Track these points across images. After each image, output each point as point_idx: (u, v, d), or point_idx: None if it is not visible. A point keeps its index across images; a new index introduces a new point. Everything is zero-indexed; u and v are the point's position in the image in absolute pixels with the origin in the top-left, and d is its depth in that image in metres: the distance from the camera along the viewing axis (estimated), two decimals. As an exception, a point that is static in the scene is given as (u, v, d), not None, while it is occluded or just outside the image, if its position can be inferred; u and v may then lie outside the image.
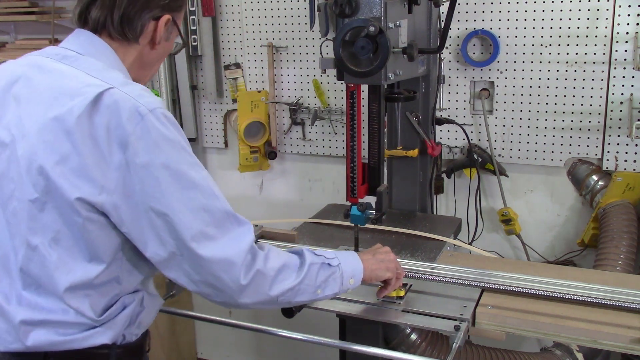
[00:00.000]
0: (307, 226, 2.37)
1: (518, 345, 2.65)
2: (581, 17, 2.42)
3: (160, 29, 1.40)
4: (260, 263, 1.33)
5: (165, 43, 1.45)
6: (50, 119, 1.25)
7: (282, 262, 1.38)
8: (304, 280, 1.40)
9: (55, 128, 1.24)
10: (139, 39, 1.39)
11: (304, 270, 1.40)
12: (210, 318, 1.81)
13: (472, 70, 2.62)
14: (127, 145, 1.22)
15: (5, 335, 1.31)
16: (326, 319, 1.85)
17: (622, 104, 2.43)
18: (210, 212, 1.29)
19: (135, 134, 1.22)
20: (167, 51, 1.48)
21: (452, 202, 2.76)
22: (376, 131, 1.95)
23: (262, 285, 1.33)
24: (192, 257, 1.27)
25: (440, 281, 1.80)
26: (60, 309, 1.29)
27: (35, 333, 1.29)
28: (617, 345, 1.56)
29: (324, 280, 1.44)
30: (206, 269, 1.27)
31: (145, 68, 1.46)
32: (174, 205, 1.24)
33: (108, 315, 1.34)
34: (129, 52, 1.40)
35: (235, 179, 3.17)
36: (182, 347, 3.41)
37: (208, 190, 1.30)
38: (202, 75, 3.06)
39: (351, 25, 1.72)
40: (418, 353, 2.06)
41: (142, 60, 1.43)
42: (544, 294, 1.70)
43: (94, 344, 1.32)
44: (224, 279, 1.28)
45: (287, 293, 1.37)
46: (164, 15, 1.39)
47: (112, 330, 1.34)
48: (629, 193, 2.43)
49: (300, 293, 1.40)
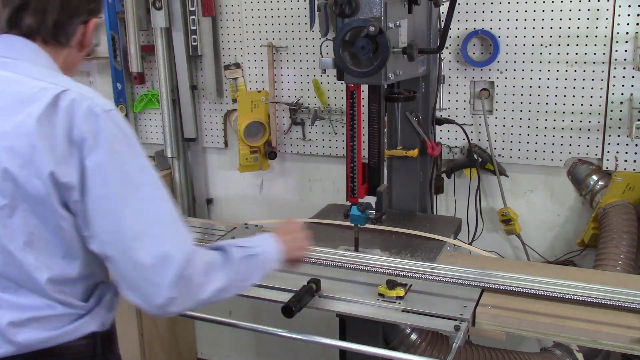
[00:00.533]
0: (307, 226, 2.36)
1: (518, 345, 2.65)
2: (581, 17, 2.42)
3: (89, 32, 1.44)
4: (191, 270, 1.31)
5: (86, 47, 1.48)
6: (10, 126, 1.25)
7: (208, 264, 1.37)
8: (231, 277, 1.40)
9: (16, 133, 1.24)
10: (70, 42, 1.41)
11: (231, 268, 1.40)
12: (210, 318, 1.81)
13: (472, 70, 2.62)
14: (83, 144, 1.24)
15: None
16: (326, 319, 1.85)
17: (622, 104, 2.43)
18: (154, 215, 1.30)
19: (90, 133, 1.24)
20: (84, 54, 1.49)
21: (452, 202, 2.76)
22: (376, 131, 1.95)
23: (191, 292, 1.32)
24: (128, 259, 1.27)
25: (440, 281, 1.80)
26: (46, 305, 1.30)
27: (25, 333, 1.29)
28: (617, 345, 1.56)
29: (249, 271, 1.45)
30: (139, 273, 1.27)
31: (69, 70, 1.46)
32: (119, 206, 1.26)
33: (93, 302, 1.37)
34: (59, 55, 1.42)
35: (235, 179, 3.17)
36: (182, 347, 3.41)
37: (155, 193, 1.31)
38: (202, 75, 3.06)
39: (351, 25, 1.72)
40: (418, 353, 2.06)
41: (67, 63, 1.45)
42: (544, 294, 1.70)
43: (84, 333, 1.34)
44: (154, 283, 1.27)
45: (217, 293, 1.37)
46: (91, 19, 1.43)
47: (97, 317, 1.38)
48: (629, 193, 2.43)
49: (228, 290, 1.41)
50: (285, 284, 1.80)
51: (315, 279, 1.74)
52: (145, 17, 2.98)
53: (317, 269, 1.91)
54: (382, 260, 1.92)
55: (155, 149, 3.20)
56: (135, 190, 1.28)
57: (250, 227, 2.16)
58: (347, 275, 1.88)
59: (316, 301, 1.71)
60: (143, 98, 3.21)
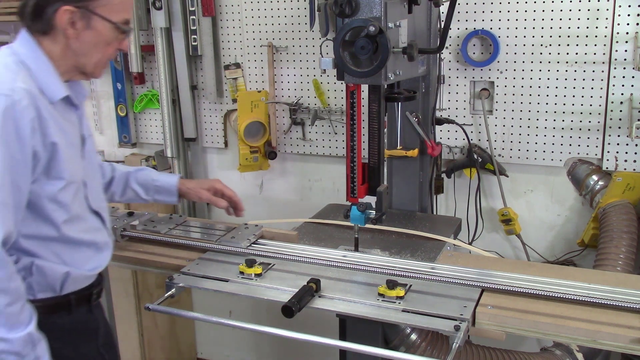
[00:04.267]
0: (307, 226, 2.37)
1: (518, 345, 2.65)
2: (581, 17, 2.42)
3: (60, 20, 1.51)
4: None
5: (88, 32, 1.54)
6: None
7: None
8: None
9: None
10: (50, 32, 1.54)
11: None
12: (210, 318, 1.80)
13: (472, 70, 2.62)
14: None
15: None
16: (326, 319, 1.85)
17: (622, 104, 2.43)
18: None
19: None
20: (99, 39, 1.57)
21: (452, 202, 2.76)
22: (376, 131, 1.95)
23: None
24: None
25: (440, 281, 1.80)
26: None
27: None
28: (617, 345, 1.56)
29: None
30: None
31: (80, 57, 1.58)
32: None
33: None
34: (54, 44, 1.55)
35: (235, 179, 3.17)
36: (182, 347, 3.41)
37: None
38: (202, 75, 3.06)
39: (351, 25, 1.72)
40: (418, 353, 2.06)
41: (71, 51, 1.56)
42: (544, 294, 1.70)
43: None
44: None
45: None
46: (62, 6, 1.50)
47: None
48: (629, 193, 2.43)
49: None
50: (285, 284, 1.80)
51: (315, 279, 1.74)
52: (145, 17, 2.98)
53: (317, 269, 1.91)
54: (382, 260, 1.92)
55: (155, 149, 3.20)
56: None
57: (250, 227, 2.16)
58: (347, 275, 1.87)
59: (316, 301, 1.71)
60: (143, 98, 3.21)
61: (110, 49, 1.61)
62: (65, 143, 1.56)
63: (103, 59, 1.62)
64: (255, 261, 1.88)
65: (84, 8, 1.51)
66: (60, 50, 1.55)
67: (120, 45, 1.63)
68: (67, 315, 1.65)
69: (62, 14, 1.50)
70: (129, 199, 2.08)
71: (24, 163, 1.46)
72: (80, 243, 1.64)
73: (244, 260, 1.87)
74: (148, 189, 2.05)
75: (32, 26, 1.55)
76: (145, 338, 3.07)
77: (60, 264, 1.61)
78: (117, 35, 1.60)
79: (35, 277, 1.57)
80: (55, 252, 1.60)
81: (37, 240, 1.57)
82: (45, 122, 1.49)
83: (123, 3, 1.59)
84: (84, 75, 1.65)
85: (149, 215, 2.30)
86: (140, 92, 3.23)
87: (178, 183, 2.07)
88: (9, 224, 1.44)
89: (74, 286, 1.65)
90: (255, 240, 2.09)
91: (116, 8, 1.56)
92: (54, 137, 1.51)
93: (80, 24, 1.53)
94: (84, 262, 1.67)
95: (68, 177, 1.56)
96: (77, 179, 1.61)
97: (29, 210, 1.53)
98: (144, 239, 2.16)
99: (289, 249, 2.02)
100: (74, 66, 1.60)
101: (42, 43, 1.55)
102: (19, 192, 1.46)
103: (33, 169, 1.49)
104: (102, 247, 1.72)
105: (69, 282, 1.64)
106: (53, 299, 1.61)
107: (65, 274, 1.62)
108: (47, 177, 1.53)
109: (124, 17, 1.59)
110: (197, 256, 2.01)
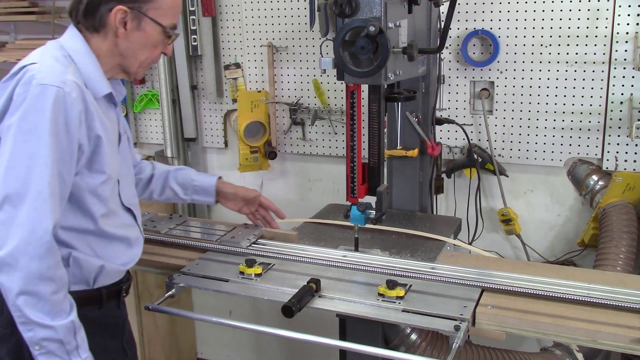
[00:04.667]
0: (307, 226, 2.37)
1: (518, 345, 2.65)
2: (581, 17, 2.42)
3: (113, 19, 1.55)
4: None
5: (138, 33, 1.59)
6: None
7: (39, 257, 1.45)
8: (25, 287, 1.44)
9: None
10: (101, 30, 1.58)
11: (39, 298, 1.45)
12: (210, 318, 1.80)
13: (472, 70, 2.62)
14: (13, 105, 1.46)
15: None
16: (326, 319, 1.85)
17: (622, 104, 2.43)
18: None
19: (19, 96, 1.45)
20: (147, 40, 1.61)
21: (452, 202, 2.76)
22: (376, 131, 1.95)
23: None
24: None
25: (440, 281, 1.80)
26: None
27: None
28: (617, 345, 1.56)
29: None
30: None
31: (127, 57, 1.62)
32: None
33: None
34: (103, 42, 1.59)
35: (235, 179, 3.16)
36: (182, 347, 3.41)
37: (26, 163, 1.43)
38: (202, 75, 3.06)
39: (351, 25, 1.72)
40: (418, 353, 2.06)
41: (118, 50, 1.60)
42: (544, 294, 1.70)
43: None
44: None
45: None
46: (116, 6, 1.54)
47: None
48: (629, 193, 2.43)
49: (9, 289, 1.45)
50: (285, 284, 1.80)
51: (315, 279, 1.74)
52: (145, 17, 2.98)
53: (317, 269, 1.91)
54: (382, 260, 1.92)
55: (155, 149, 3.20)
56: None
57: (250, 227, 2.16)
58: (347, 275, 1.87)
59: (316, 301, 1.71)
60: (143, 98, 3.21)
61: (156, 51, 1.66)
62: (106, 138, 1.59)
63: (147, 61, 1.67)
64: (255, 261, 1.88)
65: (136, 9, 1.56)
66: (107, 48, 1.60)
67: (165, 49, 1.68)
68: (97, 309, 1.66)
69: (115, 13, 1.54)
70: (168, 198, 2.10)
71: (69, 155, 1.48)
72: (114, 238, 1.66)
73: (244, 260, 1.87)
74: (187, 189, 2.07)
75: (83, 23, 1.58)
76: (145, 338, 3.07)
77: (95, 257, 1.63)
78: (164, 39, 1.64)
79: (71, 268, 1.58)
80: (90, 246, 1.62)
81: (75, 232, 1.59)
82: (91, 115, 1.53)
83: (173, 8, 1.63)
84: (127, 75, 1.69)
85: (149, 215, 2.30)
86: (140, 92, 3.23)
87: (217, 184, 2.09)
88: (57, 214, 1.47)
89: (106, 280, 1.67)
90: (255, 240, 2.09)
91: (166, 12, 1.61)
92: (98, 130, 1.54)
93: (131, 25, 1.57)
94: (117, 257, 1.68)
95: (108, 171, 1.59)
96: (114, 174, 1.64)
97: (70, 203, 1.55)
98: (144, 238, 2.15)
99: (289, 249, 2.02)
100: (118, 65, 1.64)
101: (90, 40, 1.59)
102: (64, 183, 1.49)
103: (77, 161, 1.52)
104: (133, 243, 1.73)
105: (102, 276, 1.65)
106: (85, 292, 1.63)
107: (100, 267, 1.64)
108: (89, 170, 1.56)
109: (173, 22, 1.64)
110: (197, 256, 2.01)
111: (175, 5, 1.64)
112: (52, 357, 1.46)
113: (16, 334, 1.48)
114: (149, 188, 2.05)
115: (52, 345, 1.45)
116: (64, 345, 1.46)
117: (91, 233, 1.61)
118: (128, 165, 1.78)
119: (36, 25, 3.29)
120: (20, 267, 1.41)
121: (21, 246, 1.41)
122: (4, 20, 3.30)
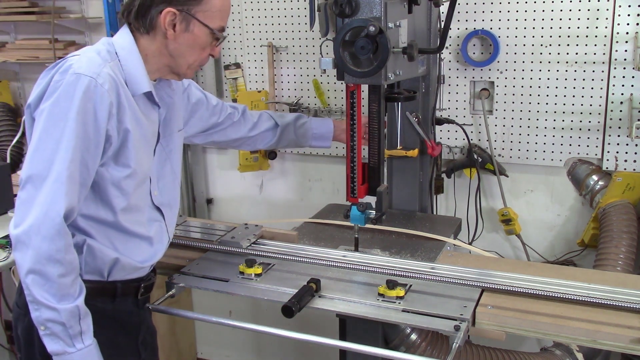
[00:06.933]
0: (307, 226, 2.37)
1: (518, 345, 2.65)
2: (581, 17, 2.42)
3: (162, 21, 1.59)
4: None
5: (186, 34, 1.62)
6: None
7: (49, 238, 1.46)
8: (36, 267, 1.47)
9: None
10: (150, 31, 1.62)
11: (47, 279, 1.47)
12: (210, 318, 1.80)
13: (472, 70, 2.62)
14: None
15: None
16: (326, 319, 1.85)
17: (622, 104, 2.43)
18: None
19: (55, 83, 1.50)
20: (195, 42, 1.64)
21: (452, 202, 2.76)
22: (376, 131, 1.95)
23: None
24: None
25: (440, 281, 1.80)
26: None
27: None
28: (617, 345, 1.56)
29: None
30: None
31: (175, 58, 1.66)
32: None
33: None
34: (152, 42, 1.63)
35: (236, 179, 3.17)
36: (182, 347, 3.41)
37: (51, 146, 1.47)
38: (202, 75, 3.06)
39: (351, 25, 1.72)
40: (418, 353, 2.06)
41: (167, 50, 1.64)
42: (544, 294, 1.70)
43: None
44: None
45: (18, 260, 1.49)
46: (166, 8, 1.58)
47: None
48: (629, 193, 2.43)
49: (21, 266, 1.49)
50: (285, 284, 1.80)
51: (315, 279, 1.74)
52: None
53: (317, 269, 1.91)
54: (382, 260, 1.92)
55: (155, 149, 3.19)
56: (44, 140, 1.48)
57: (250, 227, 2.16)
58: (347, 275, 1.87)
59: (316, 301, 1.71)
60: (143, 98, 3.21)
61: (203, 53, 1.68)
62: (139, 134, 1.61)
63: (196, 62, 1.69)
64: (255, 261, 1.88)
65: (186, 12, 1.59)
66: (156, 48, 1.63)
67: (213, 51, 1.70)
68: (110, 302, 1.67)
69: (165, 15, 1.58)
70: (287, 146, 2.30)
71: (95, 143, 1.51)
72: (131, 234, 1.67)
73: (244, 260, 1.87)
74: (306, 138, 2.24)
75: (134, 24, 1.63)
76: (145, 338, 3.07)
77: (112, 249, 1.64)
78: (212, 41, 1.67)
79: (84, 256, 1.60)
80: (108, 237, 1.63)
81: (93, 222, 1.61)
82: (123, 109, 1.56)
83: (221, 11, 1.65)
84: (177, 76, 1.72)
85: (149, 215, 2.30)
86: (140, 92, 3.22)
87: (334, 129, 2.24)
88: (73, 198, 1.49)
89: (121, 274, 1.67)
90: (255, 240, 2.09)
91: (215, 15, 1.63)
92: (128, 124, 1.57)
93: (180, 27, 1.60)
94: (135, 253, 1.69)
95: (134, 166, 1.61)
96: (143, 171, 1.65)
97: (92, 192, 1.58)
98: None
99: (289, 249, 2.02)
100: (167, 65, 1.67)
101: (139, 40, 1.63)
102: (86, 170, 1.51)
103: (104, 151, 1.54)
104: (155, 241, 1.73)
105: (117, 269, 1.66)
106: (99, 283, 1.64)
107: (115, 259, 1.64)
108: (115, 163, 1.58)
109: (221, 24, 1.66)
110: (197, 256, 2.01)
111: (224, 9, 1.66)
112: (55, 339, 1.48)
113: (29, 315, 1.50)
114: (273, 139, 2.21)
115: (56, 328, 1.47)
116: (67, 329, 1.48)
117: (109, 225, 1.63)
118: (171, 167, 1.80)
119: (36, 25, 3.29)
120: (33, 245, 1.44)
121: (35, 225, 1.44)
122: (4, 20, 3.30)
